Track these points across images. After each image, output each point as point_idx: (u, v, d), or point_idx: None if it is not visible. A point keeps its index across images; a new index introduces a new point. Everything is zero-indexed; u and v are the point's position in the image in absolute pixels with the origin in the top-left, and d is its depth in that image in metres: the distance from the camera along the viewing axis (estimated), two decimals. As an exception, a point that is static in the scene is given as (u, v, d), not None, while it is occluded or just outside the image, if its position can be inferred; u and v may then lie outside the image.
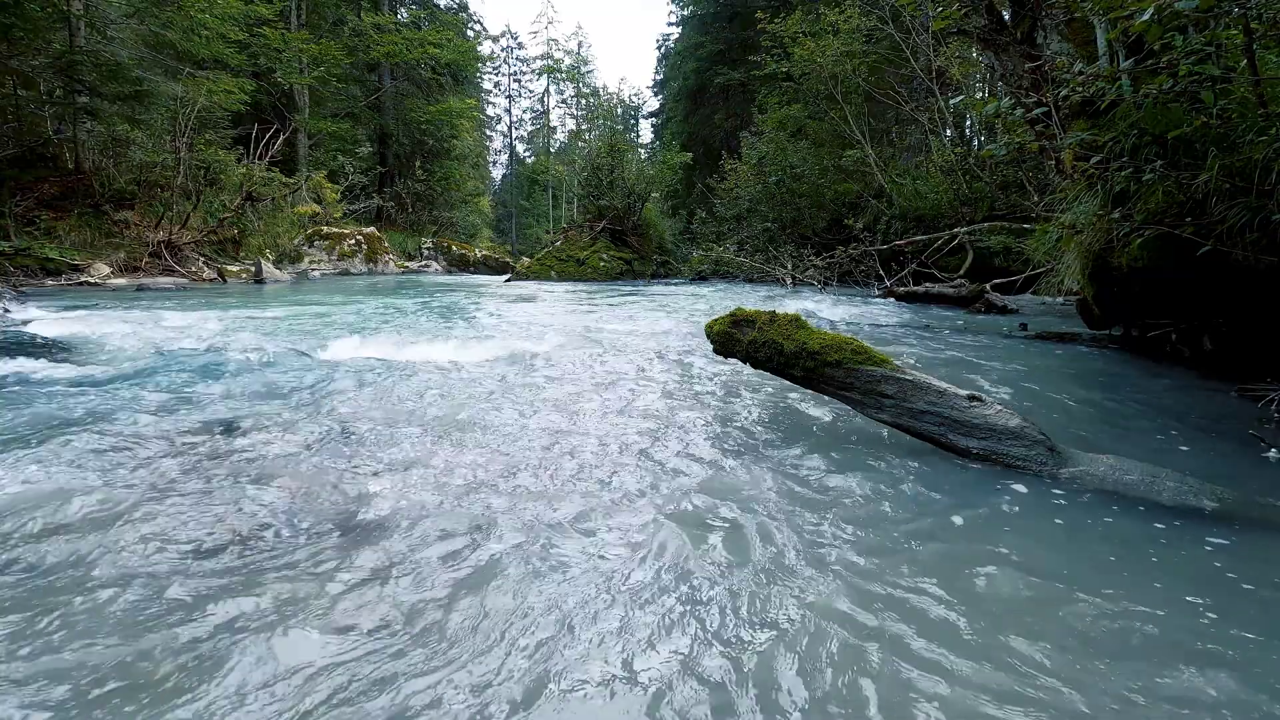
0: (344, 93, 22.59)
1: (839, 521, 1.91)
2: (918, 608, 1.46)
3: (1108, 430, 2.91)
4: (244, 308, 7.25)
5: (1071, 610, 1.46)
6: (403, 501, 2.00)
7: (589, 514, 1.95)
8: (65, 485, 2.02)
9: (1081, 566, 1.66)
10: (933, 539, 1.80)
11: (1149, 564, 1.69)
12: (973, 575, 1.60)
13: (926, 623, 1.40)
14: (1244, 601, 1.51)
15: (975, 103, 4.61)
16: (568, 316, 7.34)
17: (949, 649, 1.31)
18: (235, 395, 3.26)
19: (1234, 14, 2.58)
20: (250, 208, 14.03)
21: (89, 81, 11.14)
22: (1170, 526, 1.89)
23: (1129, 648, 1.33)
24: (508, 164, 47.23)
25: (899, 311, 8.08)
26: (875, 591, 1.53)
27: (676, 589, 1.54)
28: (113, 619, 1.37)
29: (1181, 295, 3.86)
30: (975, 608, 1.47)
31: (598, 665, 1.25)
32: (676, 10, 32.63)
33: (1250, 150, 2.81)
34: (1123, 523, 1.93)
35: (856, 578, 1.59)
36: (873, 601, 1.48)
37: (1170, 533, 1.85)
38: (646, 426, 2.86)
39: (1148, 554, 1.74)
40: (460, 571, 1.60)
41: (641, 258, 16.49)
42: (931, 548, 1.75)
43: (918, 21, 14.10)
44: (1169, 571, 1.64)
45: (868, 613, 1.44)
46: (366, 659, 1.26)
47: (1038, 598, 1.51)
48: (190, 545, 1.70)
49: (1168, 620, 1.42)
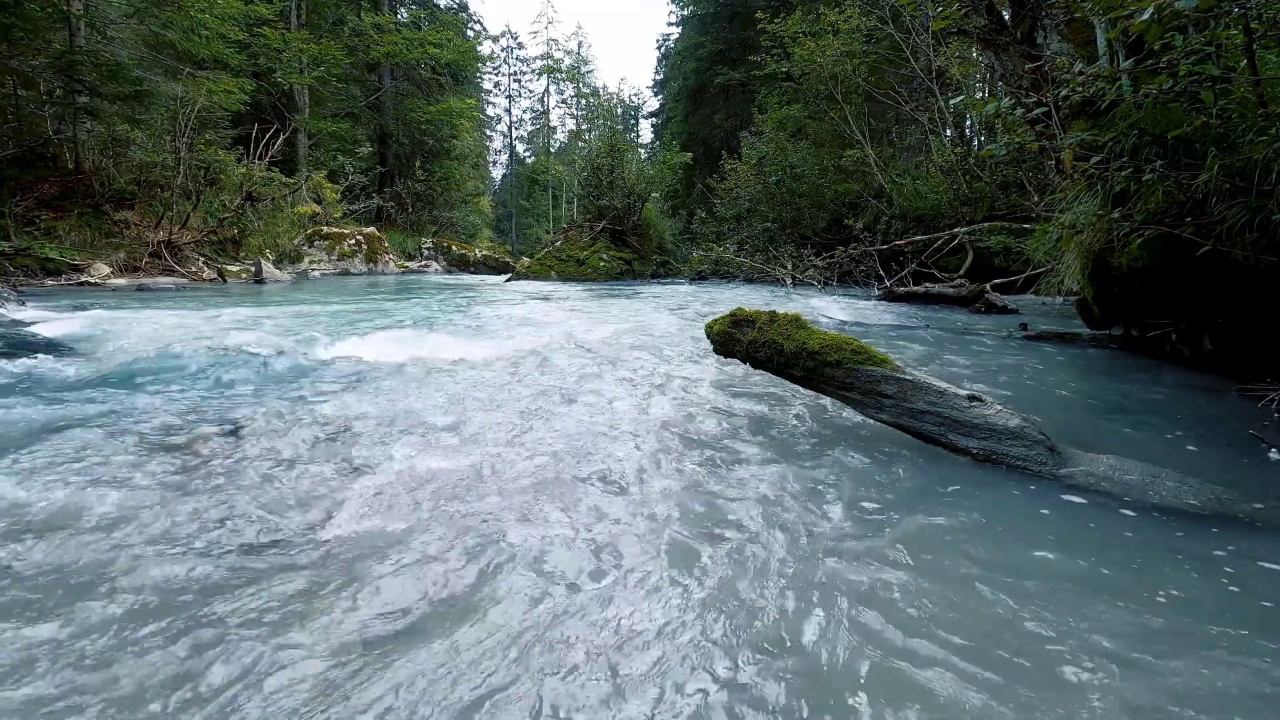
0: (344, 93, 22.58)
1: (837, 521, 1.91)
2: (916, 607, 1.46)
3: (1108, 430, 2.91)
4: (244, 308, 7.25)
5: (1071, 610, 1.46)
6: (402, 503, 2.00)
7: (595, 513, 1.95)
8: (63, 486, 2.02)
9: (1081, 566, 1.66)
10: (932, 539, 1.80)
11: (1149, 564, 1.68)
12: (972, 575, 1.60)
13: (925, 622, 1.40)
14: (1244, 601, 1.51)
15: (975, 103, 4.60)
16: (568, 316, 7.34)
17: (948, 649, 1.31)
18: (234, 395, 3.25)
19: (1234, 14, 2.58)
20: (250, 208, 14.01)
21: (89, 81, 11.13)
22: (1170, 527, 1.89)
23: (1129, 647, 1.33)
24: (508, 164, 47.23)
25: (899, 312, 8.08)
26: (874, 590, 1.53)
27: (667, 588, 1.54)
28: (109, 619, 1.37)
29: (1181, 295, 3.86)
30: (974, 607, 1.47)
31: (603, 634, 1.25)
32: (676, 10, 32.66)
33: (1250, 150, 2.81)
34: (1123, 523, 1.93)
35: (854, 577, 1.59)
36: (871, 600, 1.48)
37: (1170, 533, 1.85)
38: (647, 425, 2.86)
39: (1148, 554, 1.74)
40: (459, 574, 1.60)
41: (641, 258, 16.48)
42: (931, 548, 1.75)
43: (918, 21, 14.09)
44: (1169, 571, 1.64)
45: (866, 611, 1.44)
46: (367, 664, 1.26)
47: (1037, 598, 1.51)
48: (188, 546, 1.70)
49: (1168, 620, 1.42)
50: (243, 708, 1.13)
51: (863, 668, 1.26)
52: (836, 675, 1.24)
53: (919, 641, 1.33)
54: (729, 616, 1.43)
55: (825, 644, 1.33)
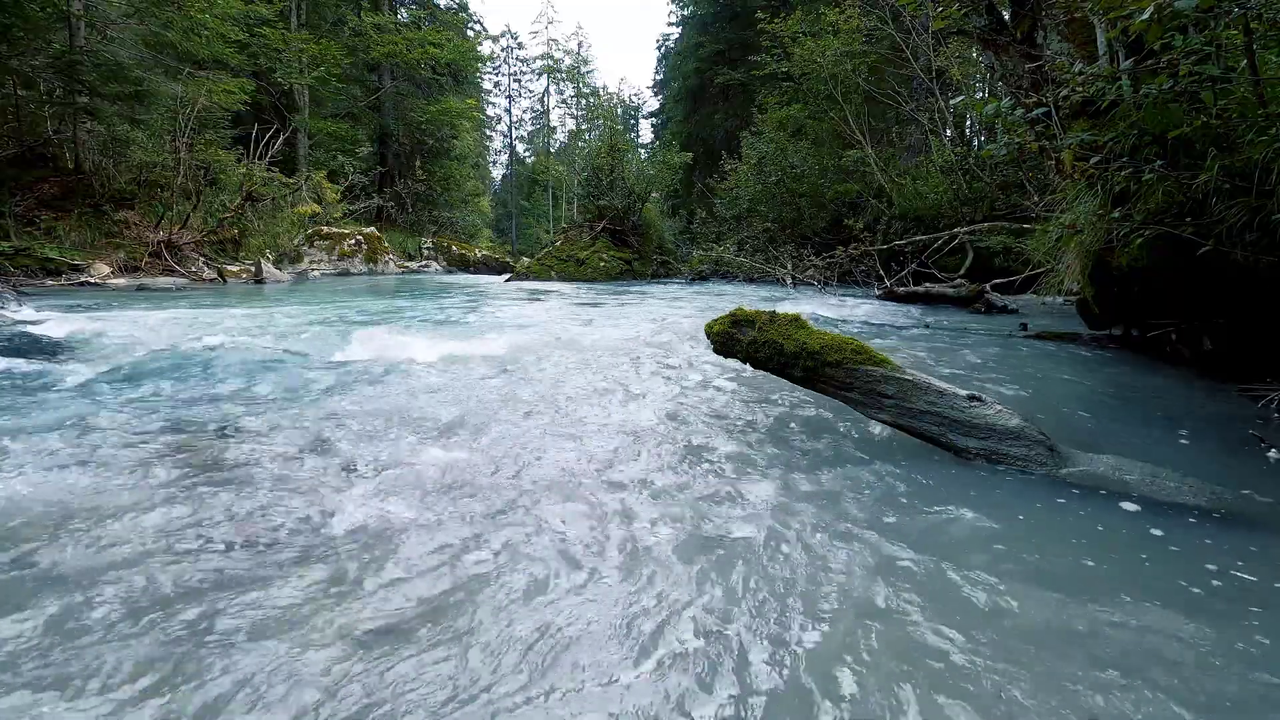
0: (344, 93, 22.55)
1: (835, 521, 1.91)
2: (914, 606, 1.46)
3: (1108, 430, 2.91)
4: (244, 308, 7.25)
5: (1071, 611, 1.46)
6: (401, 504, 2.00)
7: (600, 512, 1.95)
8: (61, 487, 2.02)
9: (1081, 566, 1.66)
10: (931, 539, 1.80)
11: (1149, 564, 1.69)
12: (971, 576, 1.60)
13: (923, 621, 1.40)
14: (1244, 601, 1.51)
15: (975, 103, 4.59)
16: (569, 315, 7.34)
17: (947, 647, 1.31)
18: (234, 396, 3.26)
19: (1234, 14, 2.58)
20: (250, 208, 14.01)
21: (89, 81, 11.12)
22: (1170, 527, 1.89)
23: (1129, 647, 1.33)
24: (508, 164, 47.19)
25: (899, 312, 8.08)
26: (872, 589, 1.53)
27: (670, 588, 1.54)
28: (105, 620, 1.37)
29: (1181, 295, 3.85)
30: (973, 607, 1.47)
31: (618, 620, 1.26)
32: (676, 10, 32.62)
33: (1250, 150, 2.81)
34: (1123, 523, 1.93)
35: (852, 576, 1.59)
36: (868, 599, 1.48)
37: (1170, 533, 1.85)
38: (648, 424, 2.86)
39: (1148, 554, 1.74)
40: (456, 574, 1.60)
41: (641, 258, 16.47)
42: (930, 548, 1.75)
43: (918, 21, 14.07)
44: (1169, 572, 1.65)
45: (864, 611, 1.44)
46: (369, 664, 1.26)
47: (1037, 598, 1.51)
48: (186, 547, 1.70)
49: (1168, 620, 1.42)
50: (243, 707, 1.13)
51: (860, 663, 1.26)
52: (835, 673, 1.24)
53: (916, 640, 1.33)
54: (727, 613, 1.43)
55: (825, 644, 1.33)
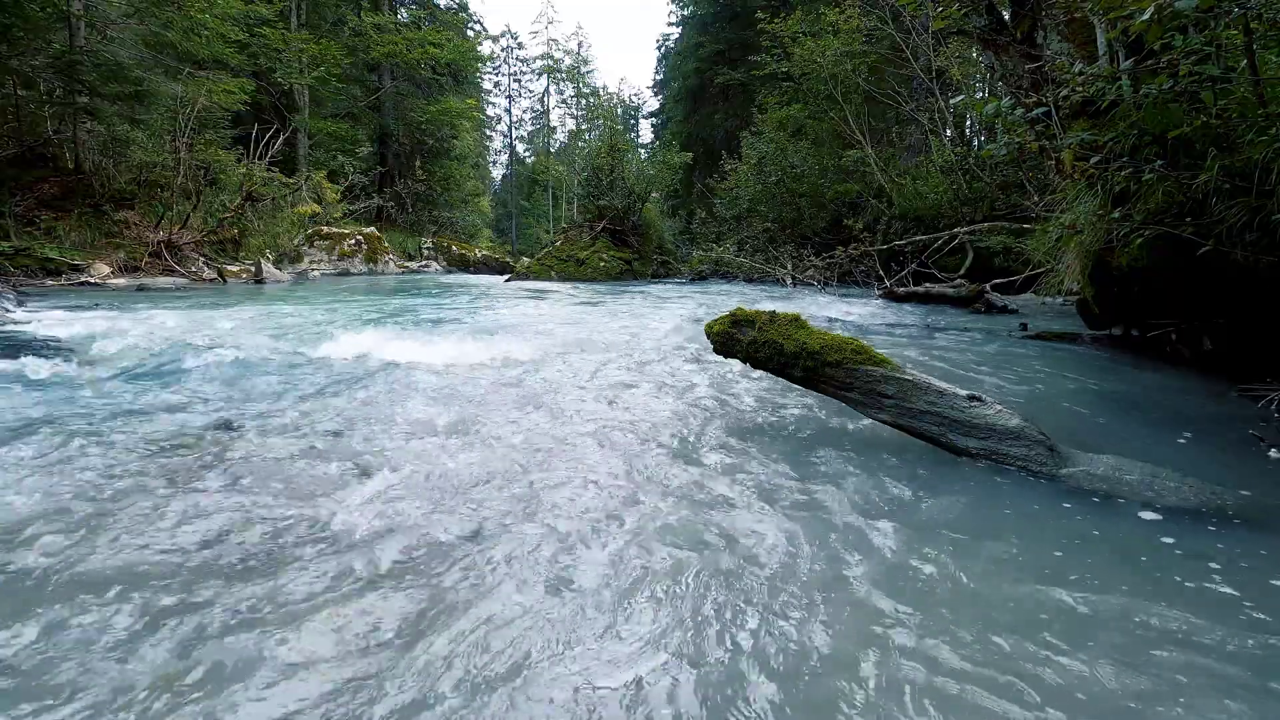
0: (344, 93, 22.55)
1: (834, 521, 1.91)
2: (912, 607, 1.46)
3: (1108, 430, 2.91)
4: (244, 308, 7.25)
5: (1071, 611, 1.46)
6: (399, 505, 2.00)
7: (602, 510, 1.95)
8: (61, 486, 2.02)
9: (1081, 566, 1.66)
10: (931, 539, 1.80)
11: (1149, 564, 1.69)
12: (971, 576, 1.60)
13: (922, 622, 1.40)
14: (1244, 601, 1.51)
15: (975, 103, 4.60)
16: (569, 315, 7.34)
17: (945, 647, 1.31)
18: (233, 396, 3.26)
19: (1234, 14, 2.58)
20: (250, 208, 14.01)
21: (89, 81, 11.12)
22: (1170, 527, 1.89)
23: (1130, 647, 1.33)
24: (508, 164, 47.19)
25: (899, 312, 8.08)
26: (871, 589, 1.53)
27: (660, 589, 1.54)
28: (105, 620, 1.37)
29: (1181, 295, 3.85)
30: (973, 607, 1.47)
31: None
32: (676, 10, 32.62)
33: (1250, 150, 2.81)
34: (1123, 523, 1.93)
35: (851, 576, 1.59)
36: (867, 598, 1.48)
37: (1170, 533, 1.85)
38: (648, 423, 2.86)
39: (1148, 554, 1.74)
40: (458, 574, 1.60)
41: (641, 258, 16.47)
42: (929, 548, 1.75)
43: (918, 21, 14.07)
44: (1169, 572, 1.64)
45: (863, 610, 1.44)
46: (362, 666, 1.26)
47: (1036, 598, 1.51)
48: (185, 547, 1.70)
49: (1168, 620, 1.42)
50: (243, 707, 1.13)
51: (857, 660, 1.26)
52: (833, 675, 1.24)
53: (914, 640, 1.33)
54: (725, 611, 1.43)
55: (824, 643, 1.33)
